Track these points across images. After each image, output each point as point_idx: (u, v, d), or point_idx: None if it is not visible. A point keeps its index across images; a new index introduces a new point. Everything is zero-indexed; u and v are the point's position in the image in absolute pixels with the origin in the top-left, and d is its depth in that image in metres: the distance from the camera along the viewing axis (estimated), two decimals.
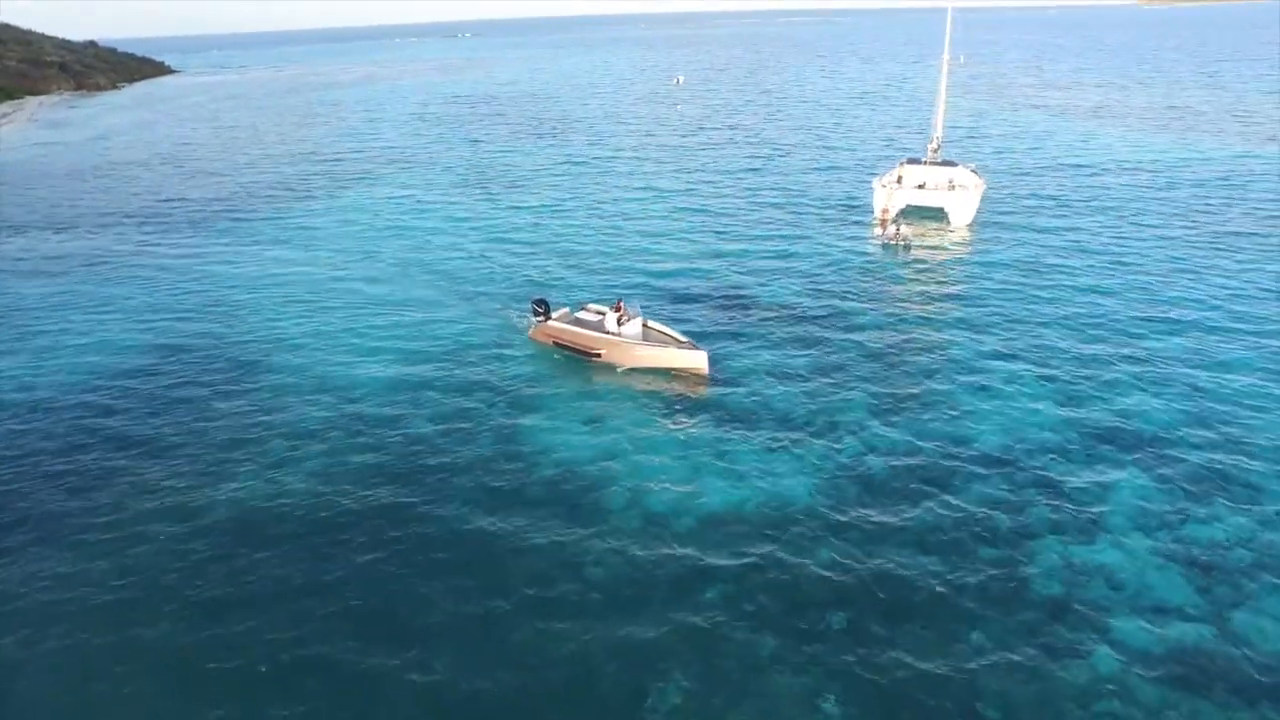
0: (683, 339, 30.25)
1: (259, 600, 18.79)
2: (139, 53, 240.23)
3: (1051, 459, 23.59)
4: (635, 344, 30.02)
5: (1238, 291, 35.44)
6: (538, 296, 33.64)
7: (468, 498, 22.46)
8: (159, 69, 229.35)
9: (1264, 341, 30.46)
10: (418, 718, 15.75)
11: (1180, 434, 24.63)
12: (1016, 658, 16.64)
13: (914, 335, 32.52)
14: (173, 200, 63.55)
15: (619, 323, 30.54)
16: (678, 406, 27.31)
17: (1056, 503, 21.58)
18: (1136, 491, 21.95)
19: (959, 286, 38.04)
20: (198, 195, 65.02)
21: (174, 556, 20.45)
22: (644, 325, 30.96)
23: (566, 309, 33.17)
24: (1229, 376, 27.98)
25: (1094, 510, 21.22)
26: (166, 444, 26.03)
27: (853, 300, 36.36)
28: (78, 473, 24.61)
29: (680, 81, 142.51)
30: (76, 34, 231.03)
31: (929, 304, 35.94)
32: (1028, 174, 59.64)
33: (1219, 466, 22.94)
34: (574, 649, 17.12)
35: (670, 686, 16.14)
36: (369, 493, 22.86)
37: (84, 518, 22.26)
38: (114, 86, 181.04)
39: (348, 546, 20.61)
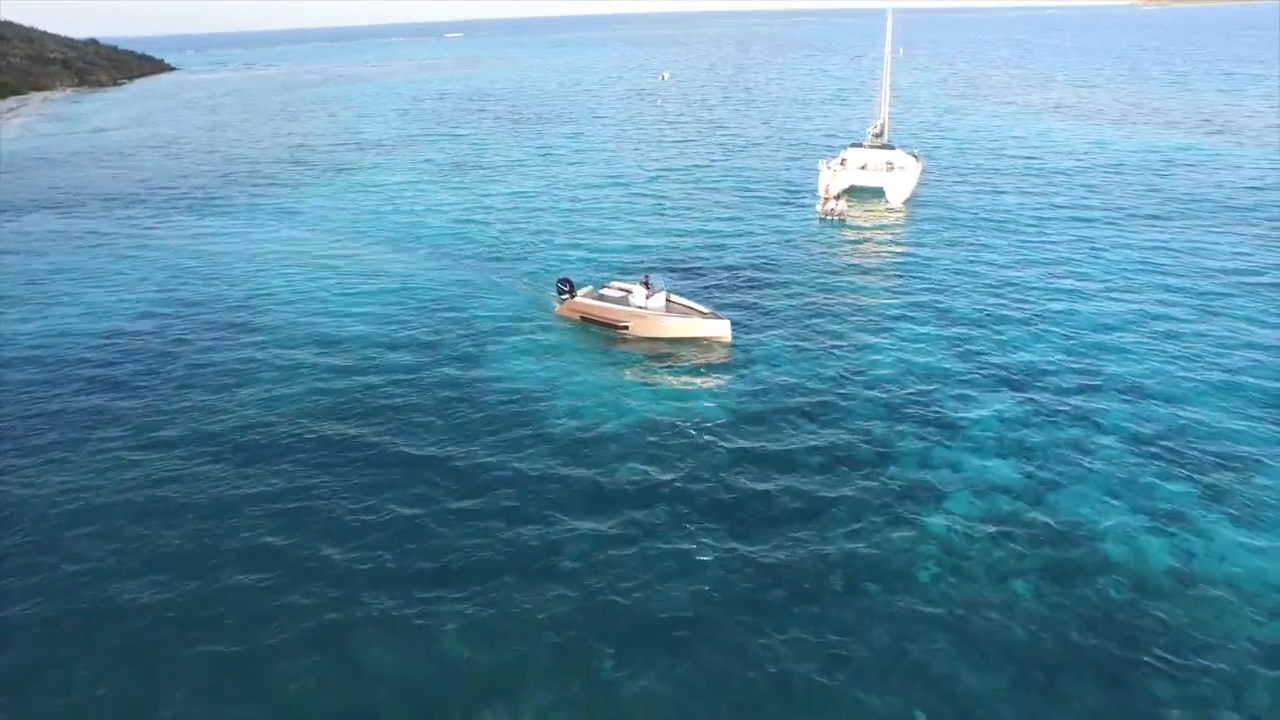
0: (705, 310, 32.27)
1: (248, 498, 22.74)
2: (135, 51, 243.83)
3: (932, 386, 27.63)
4: (661, 316, 31.85)
5: (1131, 265, 39.19)
6: (562, 276, 35.50)
7: (430, 417, 26.45)
8: (158, 66, 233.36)
9: (1141, 307, 34.04)
10: (368, 573, 19.65)
11: (1048, 372, 28.54)
12: (865, 521, 20.62)
13: (835, 294, 36.57)
14: (173, 185, 67.53)
15: (646, 297, 32.41)
16: (612, 342, 31.39)
17: (927, 416, 25.62)
18: (997, 410, 25.95)
19: (884, 255, 42.13)
20: (196, 181, 69.01)
21: (170, 467, 24.31)
22: (667, 299, 32.73)
23: (590, 286, 34.90)
24: (1105, 332, 31.80)
25: (957, 422, 25.26)
26: (166, 382, 30.01)
27: (787, 266, 40.44)
28: (97, 404, 28.61)
29: (666, 78, 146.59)
30: (77, 32, 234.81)
31: (854, 269, 40.02)
32: (976, 162, 63.67)
33: (1070, 391, 26.98)
34: (503, 520, 21.09)
35: (579, 541, 20.09)
36: (345, 419, 26.93)
37: (101, 441, 26.13)
38: (115, 83, 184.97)
39: (323, 461, 24.61)
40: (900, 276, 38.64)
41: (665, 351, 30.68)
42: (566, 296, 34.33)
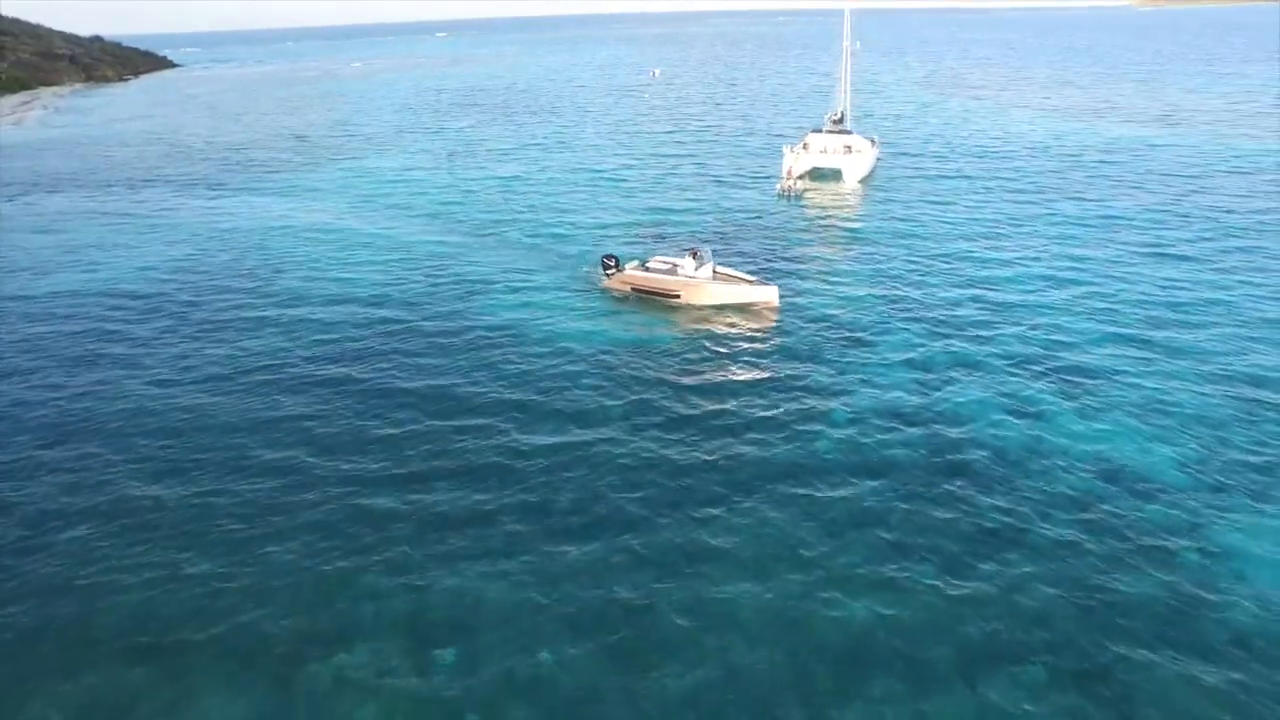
0: (752, 278, 34.79)
1: (256, 420, 27.58)
2: (138, 48, 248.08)
3: (854, 318, 32.81)
4: (711, 284, 34.12)
5: (1052, 238, 43.70)
6: (606, 253, 37.73)
7: (418, 355, 31.26)
8: (161, 63, 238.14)
9: (1050, 270, 38.66)
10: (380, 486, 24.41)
11: (956, 313, 33.47)
12: (781, 410, 25.64)
13: (784, 257, 41.58)
14: (184, 170, 72.44)
15: (695, 268, 34.64)
16: (587, 294, 36.36)
17: (848, 342, 30.73)
18: (906, 339, 30.98)
19: (833, 226, 47.33)
20: (205, 167, 73.90)
21: (186, 398, 29.16)
22: (714, 269, 35.04)
23: (636, 261, 37.08)
24: (1013, 286, 36.73)
25: (873, 346, 30.32)
26: (183, 334, 34.90)
27: (745, 235, 45.62)
28: (123, 352, 33.41)
29: (657, 75, 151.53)
30: (78, 30, 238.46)
31: (803, 238, 45.20)
32: (936, 150, 68.70)
33: (972, 326, 32.00)
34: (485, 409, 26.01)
35: (547, 426, 24.99)
36: (343, 358, 31.87)
37: (121, 379, 30.91)
38: (121, 79, 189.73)
39: (324, 393, 29.49)
40: (844, 244, 43.63)
41: (637, 303, 35.54)
42: (613, 271, 36.31)
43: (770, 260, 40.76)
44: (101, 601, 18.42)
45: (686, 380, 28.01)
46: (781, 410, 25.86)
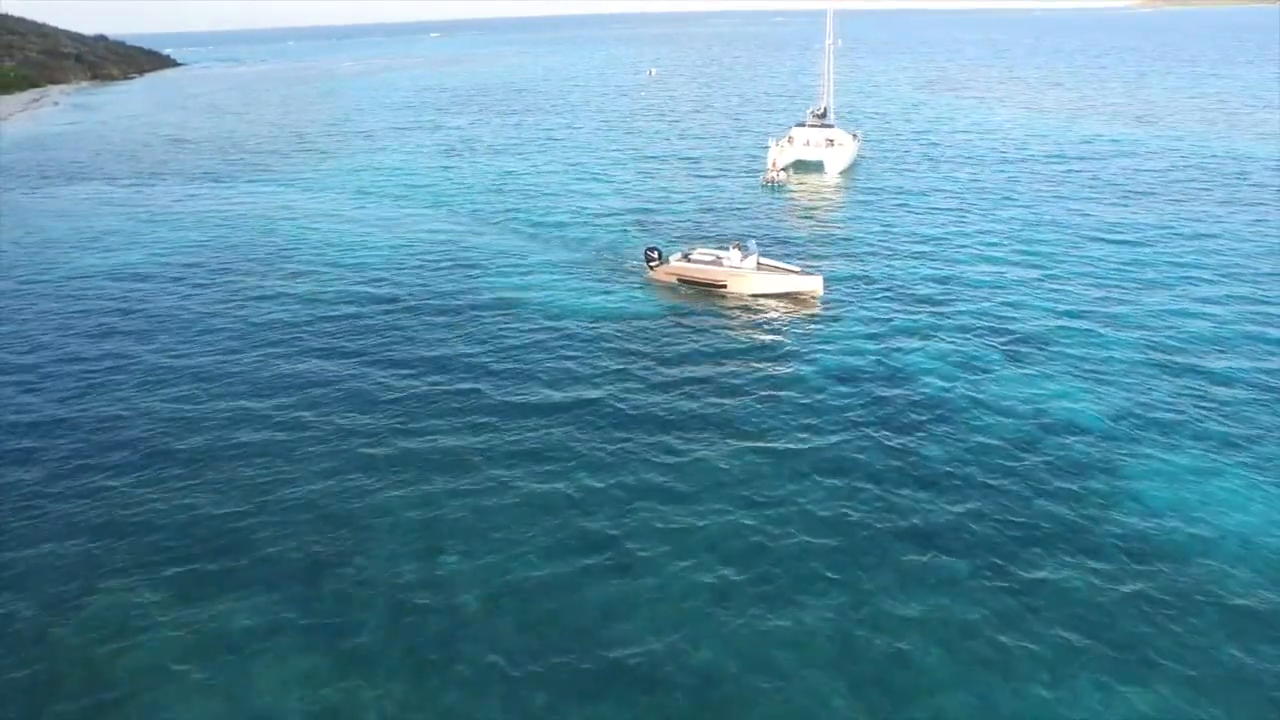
0: (796, 268, 36.37)
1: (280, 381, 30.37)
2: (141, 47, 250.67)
3: (825, 294, 35.41)
4: (757, 274, 35.53)
5: (1016, 226, 46.34)
6: (649, 245, 39.18)
7: (423, 323, 34.20)
8: (165, 62, 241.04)
9: (1010, 253, 41.43)
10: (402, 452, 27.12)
11: (918, 287, 36.33)
12: (748, 370, 28.44)
13: (764, 239, 44.24)
14: (191, 163, 75.24)
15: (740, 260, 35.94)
16: (572, 273, 39.12)
17: (818, 312, 33.68)
18: (868, 309, 33.83)
19: (811, 213, 50.49)
20: (211, 160, 76.76)
21: (191, 376, 31.97)
22: (758, 261, 36.38)
23: (679, 253, 38.28)
24: (972, 266, 39.65)
25: (836, 315, 33.20)
26: (188, 322, 37.65)
27: (728, 220, 48.61)
28: (155, 313, 36.18)
29: (653, 74, 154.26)
30: (77, 28, 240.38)
31: (783, 222, 48.23)
32: (918, 144, 71.58)
33: (931, 298, 34.84)
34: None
35: (535, 389, 27.73)
36: (340, 338, 34.64)
37: (125, 362, 33.68)
38: (126, 77, 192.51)
39: (324, 373, 32.26)
40: (822, 230, 46.54)
41: (626, 287, 38.26)
42: (656, 263, 37.69)
43: (761, 238, 43.47)
44: (134, 530, 20.92)
45: (661, 352, 30.51)
46: (747, 369, 28.63)
